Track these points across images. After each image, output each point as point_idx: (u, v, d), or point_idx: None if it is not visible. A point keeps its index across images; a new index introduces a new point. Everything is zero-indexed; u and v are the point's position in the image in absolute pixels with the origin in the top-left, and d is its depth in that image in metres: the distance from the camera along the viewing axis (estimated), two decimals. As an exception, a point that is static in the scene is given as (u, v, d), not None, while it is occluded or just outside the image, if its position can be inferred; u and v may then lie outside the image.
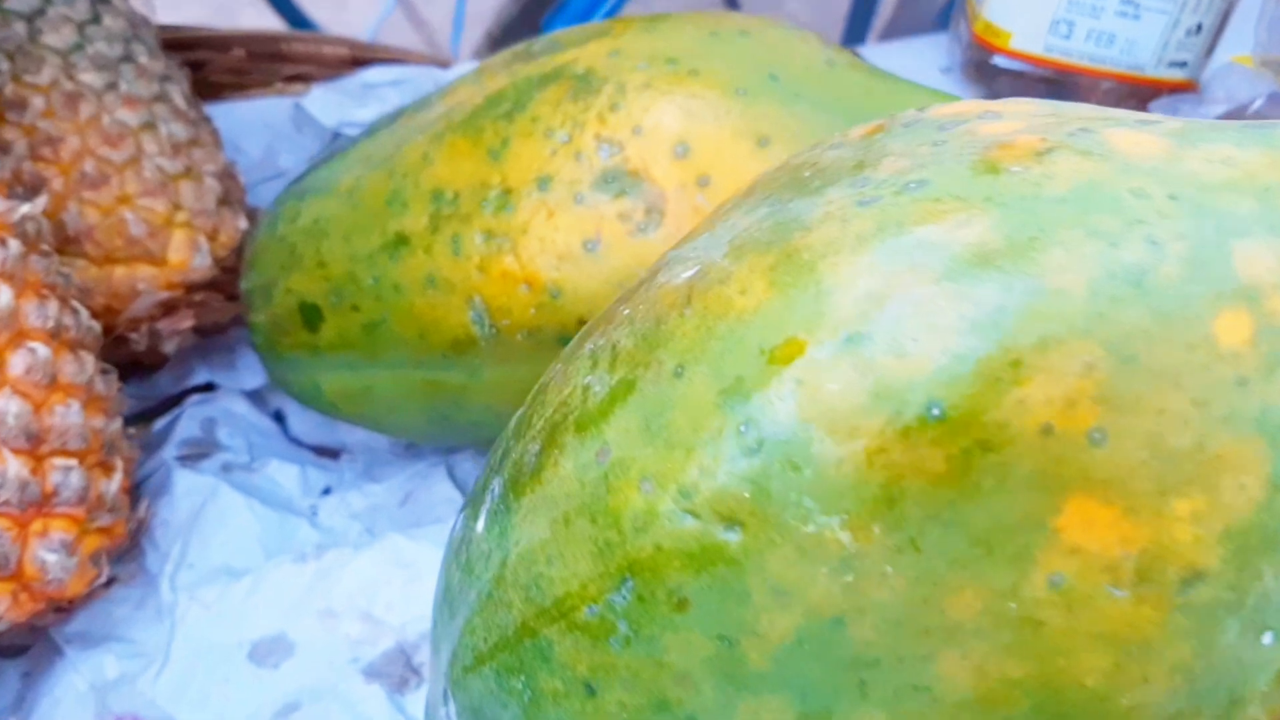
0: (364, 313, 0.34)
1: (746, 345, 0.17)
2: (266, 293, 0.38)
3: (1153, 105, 0.39)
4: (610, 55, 0.31)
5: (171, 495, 0.39)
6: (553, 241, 0.30)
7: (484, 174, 0.32)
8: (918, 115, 0.21)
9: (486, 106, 0.33)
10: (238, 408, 0.43)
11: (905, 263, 0.16)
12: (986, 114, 0.20)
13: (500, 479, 0.21)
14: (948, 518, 0.15)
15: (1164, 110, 0.37)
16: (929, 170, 0.18)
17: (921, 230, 0.17)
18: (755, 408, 0.16)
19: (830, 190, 0.19)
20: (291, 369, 0.39)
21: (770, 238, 0.18)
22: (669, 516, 0.17)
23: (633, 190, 0.30)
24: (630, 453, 0.18)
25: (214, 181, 0.41)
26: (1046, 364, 0.15)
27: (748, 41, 0.32)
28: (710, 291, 0.18)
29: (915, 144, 0.19)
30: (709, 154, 0.30)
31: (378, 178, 0.35)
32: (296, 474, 0.42)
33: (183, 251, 0.39)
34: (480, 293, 0.31)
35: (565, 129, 0.31)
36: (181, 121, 0.41)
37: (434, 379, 0.35)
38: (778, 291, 0.17)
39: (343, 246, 0.35)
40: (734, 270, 0.18)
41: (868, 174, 0.19)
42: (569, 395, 0.20)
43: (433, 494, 0.41)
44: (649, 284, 0.21)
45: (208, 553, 0.38)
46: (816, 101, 0.31)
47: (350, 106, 0.48)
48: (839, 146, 0.21)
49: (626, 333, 0.20)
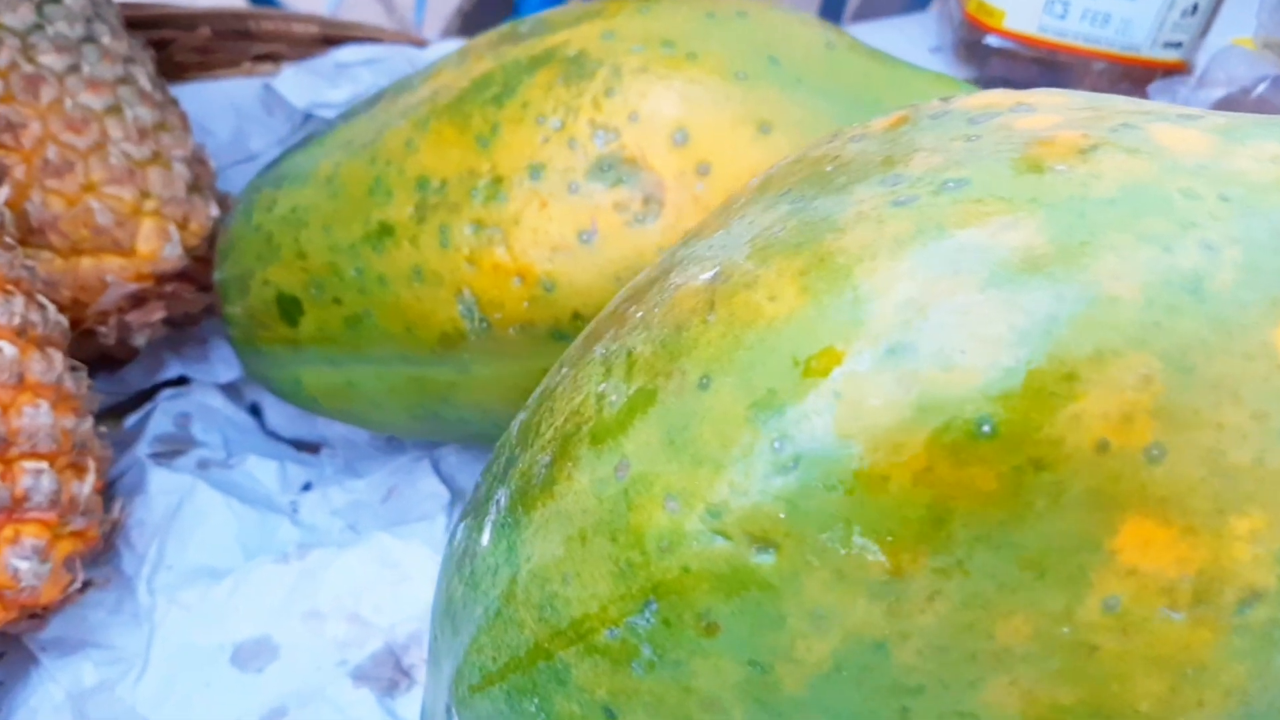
0: (346, 306, 0.33)
1: (778, 355, 0.16)
2: (242, 284, 0.36)
3: (1150, 88, 0.38)
4: (603, 37, 0.30)
5: (146, 494, 0.37)
6: (546, 232, 0.29)
7: (472, 162, 0.30)
8: (944, 107, 0.20)
9: (473, 91, 0.31)
10: (212, 402, 0.42)
11: (948, 268, 0.15)
12: (1019, 106, 0.19)
13: (506, 490, 0.20)
14: (998, 539, 0.15)
15: (1162, 94, 0.36)
16: (967, 168, 0.17)
17: (963, 233, 0.16)
18: (790, 422, 0.15)
19: (859, 188, 0.18)
20: (269, 363, 0.37)
21: (798, 239, 0.17)
22: (697, 537, 0.16)
23: (630, 179, 0.29)
24: (652, 468, 0.17)
25: (183, 167, 0.39)
26: (1102, 377, 0.14)
27: (746, 23, 0.30)
28: (735, 296, 0.17)
29: (947, 139, 0.18)
30: (709, 141, 0.29)
31: (358, 165, 0.33)
32: (275, 470, 0.40)
33: (152, 241, 0.38)
34: (470, 286, 0.30)
35: (558, 115, 0.29)
36: (148, 105, 0.39)
37: (421, 375, 0.33)
38: (811, 298, 0.16)
39: (323, 237, 0.33)
40: (760, 274, 0.17)
41: (899, 171, 0.18)
42: (581, 404, 0.19)
43: (417, 489, 0.40)
44: (662, 284, 0.20)
45: (186, 553, 0.36)
46: (817, 86, 0.30)
47: (322, 87, 0.47)
48: (861, 139, 0.20)
49: (643, 338, 0.19)
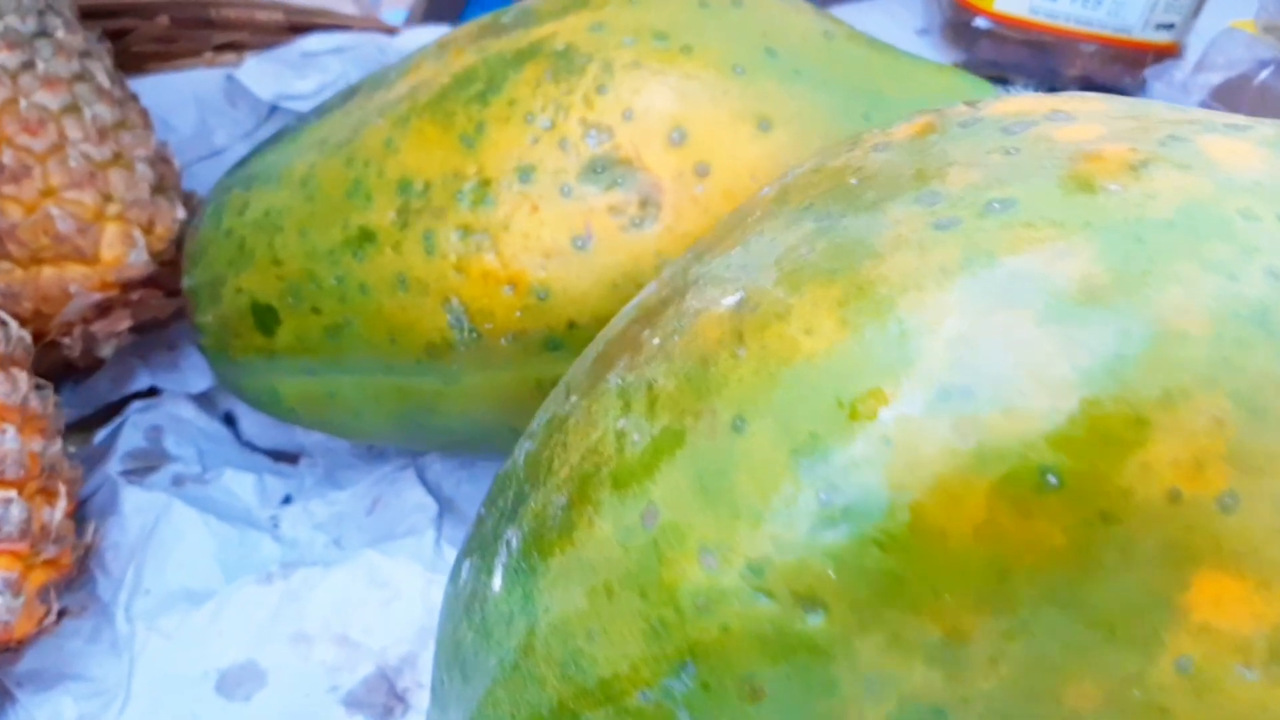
0: (326, 315, 0.32)
1: (820, 396, 0.15)
2: (213, 292, 0.35)
3: (1147, 73, 0.37)
4: (591, 29, 0.29)
5: (120, 515, 0.36)
6: (538, 238, 0.28)
7: (457, 163, 0.29)
8: (973, 113, 0.19)
9: (455, 87, 0.30)
10: (184, 412, 0.40)
11: (1001, 300, 0.14)
12: (1055, 114, 0.18)
13: (518, 532, 0.19)
14: (1065, 598, 0.14)
15: (1158, 78, 0.35)
16: (1012, 187, 0.16)
17: (1014, 261, 0.15)
18: (836, 471, 0.14)
19: (893, 206, 0.17)
20: (244, 373, 0.36)
21: (832, 264, 0.16)
22: (737, 595, 0.15)
23: (625, 181, 0.27)
24: (683, 517, 0.16)
25: (146, 168, 0.37)
26: (1172, 421, 0.13)
27: (740, 12, 0.29)
28: (768, 329, 0.16)
29: (982, 151, 0.17)
30: (707, 139, 0.27)
31: (335, 165, 0.31)
32: (253, 483, 0.39)
33: (116, 247, 0.36)
34: (458, 294, 0.29)
35: (547, 113, 0.28)
36: (106, 102, 0.37)
37: (405, 384, 0.32)
38: (852, 332, 0.15)
39: (299, 242, 0.32)
40: (793, 303, 0.16)
41: (934, 187, 0.16)
42: (599, 442, 0.18)
43: (402, 500, 0.38)
44: (678, 306, 0.19)
45: (164, 576, 0.35)
46: (817, 78, 0.28)
47: (289, 77, 0.45)
48: (885, 148, 0.19)
49: (664, 371, 0.17)
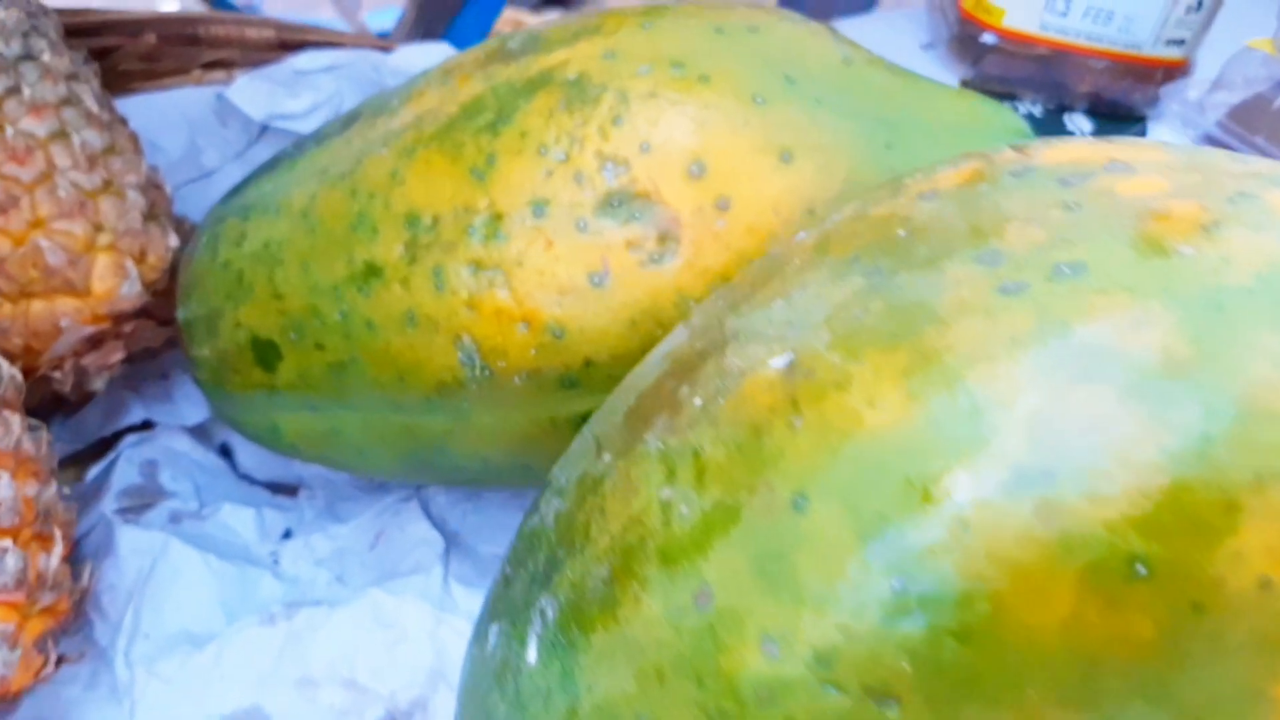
0: (330, 352, 0.31)
1: (888, 475, 0.14)
2: (210, 325, 0.34)
3: (1163, 92, 0.37)
4: (605, 57, 0.28)
5: (116, 556, 0.35)
6: (553, 274, 0.27)
7: (467, 196, 0.28)
8: (1023, 161, 0.18)
9: (463, 117, 0.29)
10: (179, 445, 0.39)
11: (1078, 373, 0.14)
12: (1113, 165, 0.17)
13: (553, 601, 0.18)
14: (1154, 691, 0.13)
15: (1173, 97, 0.35)
16: (1080, 248, 0.15)
17: (1089, 330, 0.14)
18: (909, 557, 0.14)
19: (951, 265, 0.16)
20: (243, 408, 0.35)
21: (891, 327, 0.15)
22: (804, 687, 0.14)
23: (643, 215, 0.26)
24: (741, 601, 0.15)
25: (137, 195, 0.36)
26: (1264, 505, 0.13)
27: (758, 39, 0.28)
28: (826, 398, 0.15)
29: (1041, 205, 0.16)
30: (727, 172, 0.26)
31: (338, 197, 0.30)
32: (252, 518, 0.38)
33: (108, 279, 0.35)
34: (470, 332, 0.28)
35: (561, 145, 0.27)
36: (95, 127, 0.36)
37: (413, 422, 0.31)
38: (920, 407, 0.14)
39: (301, 276, 0.31)
40: (852, 371, 0.15)
41: (995, 245, 0.16)
42: (642, 511, 0.17)
43: (406, 534, 0.37)
44: (718, 362, 0.18)
45: (163, 619, 0.34)
46: (838, 106, 0.28)
47: (281, 96, 0.43)
48: (932, 197, 0.18)
49: (710, 437, 0.17)
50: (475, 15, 0.63)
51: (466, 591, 0.35)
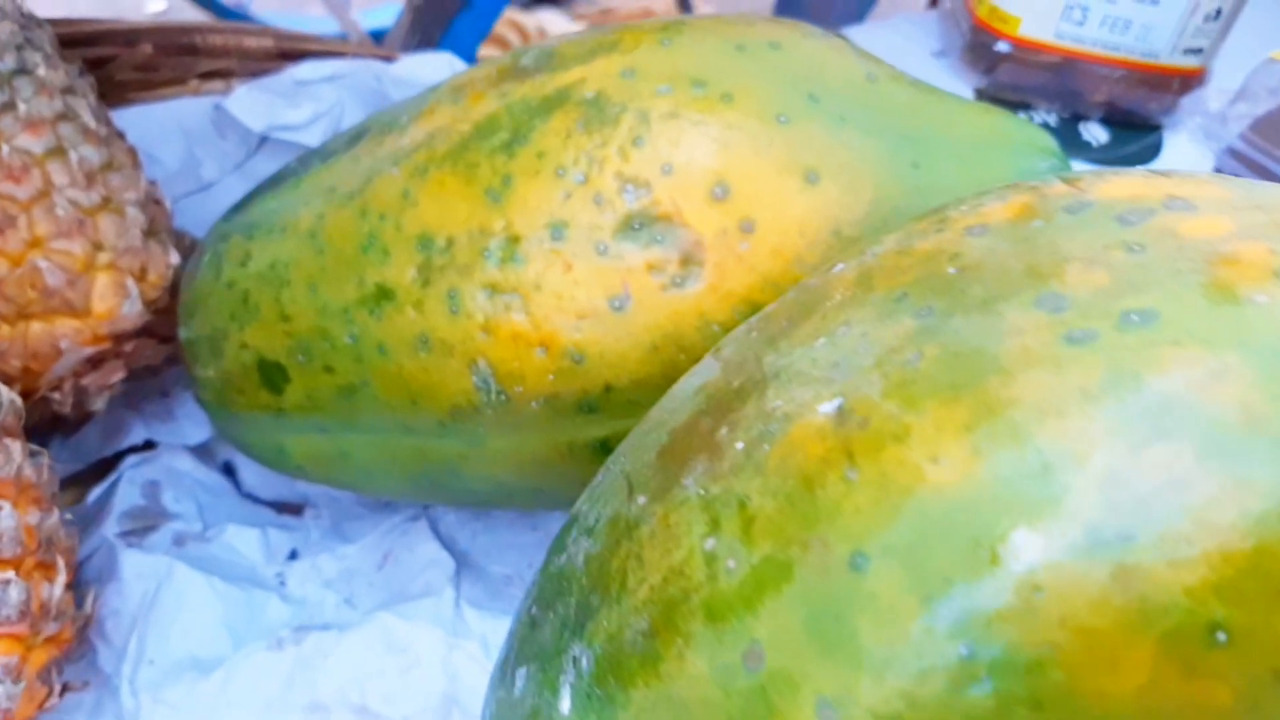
0: (339, 375, 0.30)
1: (954, 535, 0.13)
2: (214, 346, 0.33)
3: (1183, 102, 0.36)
4: (623, 75, 0.27)
5: (119, 580, 0.34)
6: (572, 298, 0.26)
7: (482, 218, 0.27)
8: (1077, 195, 0.17)
9: (477, 136, 0.28)
10: (182, 464, 0.38)
11: (1153, 431, 0.13)
12: (1173, 201, 0.16)
13: (587, 651, 0.18)
14: (1236, 763, 0.12)
15: (1193, 109, 0.34)
16: (1148, 295, 0.14)
17: (1164, 384, 0.13)
18: (978, 622, 0.13)
19: (1010, 310, 0.15)
20: (248, 428, 0.34)
21: (951, 376, 0.15)
22: (866, 756, 0.14)
23: (665, 238, 0.26)
24: (794, 663, 0.14)
25: (136, 211, 0.35)
26: (1352, 570, 0.12)
27: (780, 56, 0.28)
28: (883, 451, 0.15)
29: (1100, 245, 0.16)
30: (751, 193, 0.26)
31: (347, 217, 0.30)
32: (257, 538, 0.37)
33: (109, 299, 0.34)
34: (485, 356, 0.27)
35: (579, 167, 0.26)
36: (92, 142, 0.35)
37: (425, 446, 0.30)
38: (987, 464, 0.14)
39: (309, 298, 0.30)
40: (911, 423, 0.15)
41: (1055, 289, 0.15)
42: (685, 563, 0.16)
43: (415, 554, 0.37)
44: (759, 404, 0.17)
45: (168, 645, 0.33)
46: (863, 125, 0.27)
47: (280, 106, 0.43)
48: (982, 233, 0.17)
49: (757, 487, 0.16)
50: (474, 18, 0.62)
51: (479, 615, 0.34)
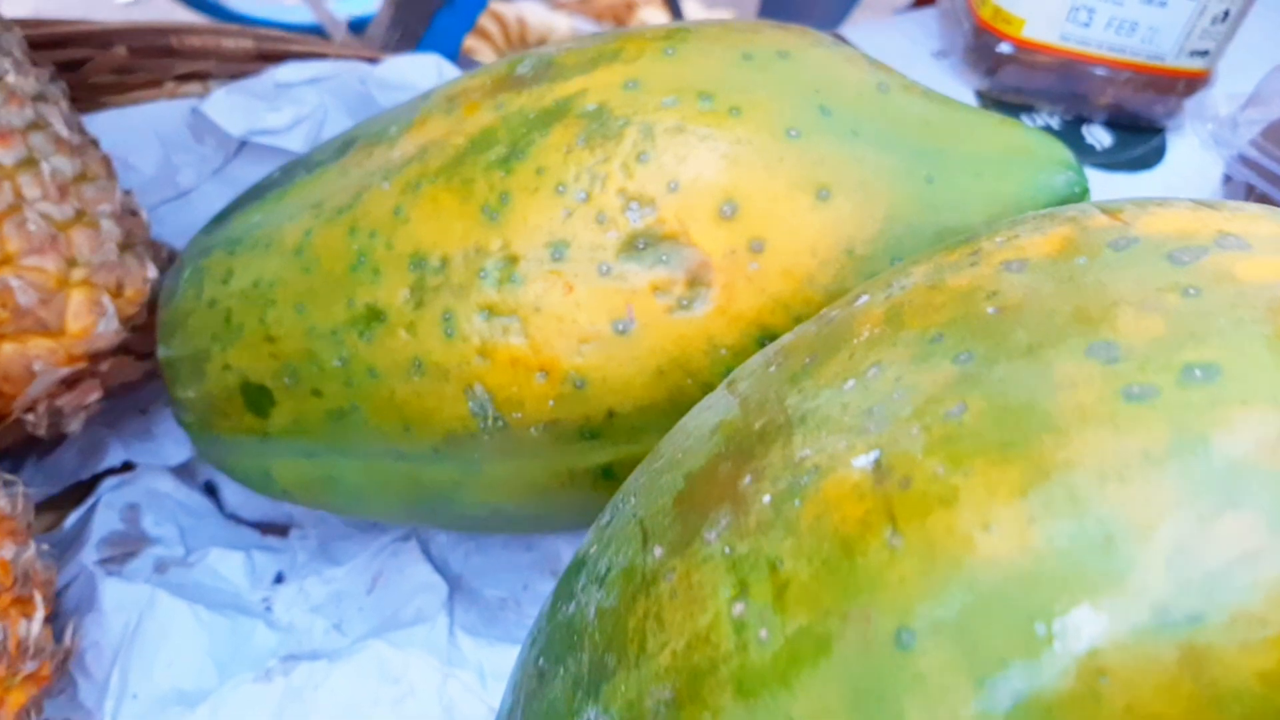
0: (328, 399, 0.29)
1: (1009, 612, 0.12)
2: (196, 367, 0.31)
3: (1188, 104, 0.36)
4: (626, 87, 0.26)
5: (100, 611, 0.32)
6: (574, 321, 0.25)
7: (479, 237, 0.26)
8: (1122, 230, 0.16)
9: (472, 150, 0.27)
10: (162, 486, 0.37)
11: (1222, 499, 0.12)
12: (1225, 239, 0.15)
13: (604, 716, 0.17)
14: None
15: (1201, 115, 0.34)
16: (1210, 347, 0.13)
17: (1232, 447, 0.12)
18: (1035, 709, 0.12)
19: (1059, 357, 0.14)
20: (232, 452, 0.33)
21: (999, 434, 0.14)
22: None
23: (671, 258, 0.25)
24: (837, 744, 0.13)
25: (112, 224, 0.34)
26: None
27: (788, 65, 0.26)
28: (930, 515, 0.14)
29: (1152, 287, 0.15)
30: (761, 211, 0.25)
31: (334, 234, 0.28)
32: (242, 562, 0.36)
33: (84, 317, 0.32)
34: (482, 381, 0.26)
35: (581, 183, 0.25)
36: (65, 152, 0.33)
37: (419, 472, 0.29)
38: (1044, 534, 0.13)
39: (295, 319, 0.29)
40: (959, 485, 0.14)
41: (1108, 336, 0.14)
42: (710, 629, 0.15)
43: (406, 577, 0.35)
44: (785, 451, 0.16)
45: (152, 678, 0.32)
46: (876, 138, 0.26)
47: (260, 110, 0.41)
48: (1021, 269, 0.16)
49: (789, 549, 0.15)
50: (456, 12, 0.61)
51: (474, 642, 0.33)
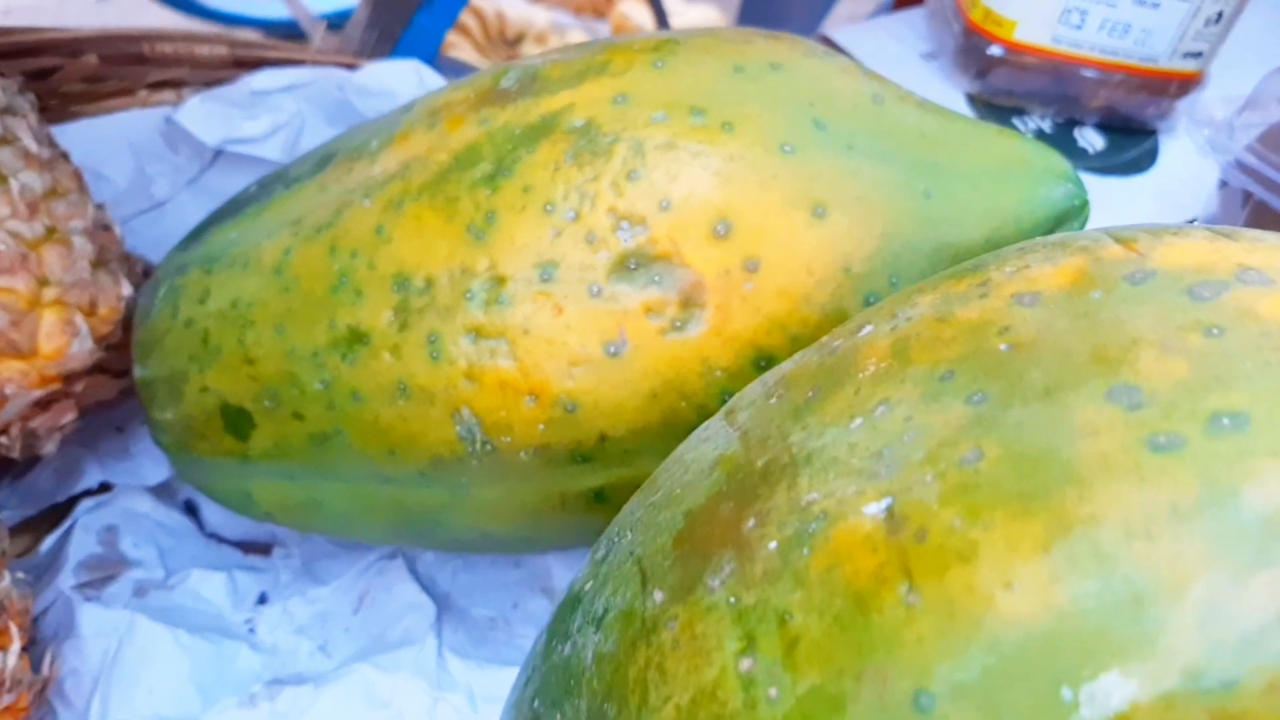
0: (310, 422, 0.28)
1: (1034, 676, 0.12)
2: (173, 388, 0.31)
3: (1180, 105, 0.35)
4: (614, 102, 0.25)
5: (78, 637, 0.32)
6: (564, 343, 0.24)
7: (464, 257, 0.25)
8: (1138, 262, 0.16)
9: (456, 167, 0.26)
10: (140, 506, 0.36)
11: (1255, 556, 0.12)
12: (1246, 273, 0.15)
13: (607, 770, 0.16)
14: None
15: (1197, 118, 0.33)
16: (1237, 393, 0.13)
17: (1263, 501, 0.12)
18: (1064, 781, 0.12)
19: (1078, 403, 0.14)
20: (212, 474, 0.32)
21: (1019, 483, 0.13)
22: None
23: (663, 278, 0.24)
24: (853, 813, 0.13)
25: (84, 241, 0.33)
26: None
27: (781, 77, 0.26)
28: (948, 573, 0.13)
29: (1172, 324, 0.14)
30: (756, 230, 0.24)
31: (314, 254, 0.28)
32: (223, 583, 0.35)
33: (56, 338, 0.31)
34: (470, 405, 0.25)
35: (569, 202, 0.24)
36: (34, 168, 0.32)
37: (405, 495, 0.28)
38: (1066, 592, 0.12)
39: (275, 340, 0.28)
40: (978, 539, 0.13)
41: (1129, 379, 0.14)
42: (716, 684, 0.15)
43: (392, 596, 0.35)
44: (790, 494, 0.16)
45: (133, 705, 0.31)
46: (872, 152, 0.25)
47: (236, 118, 0.40)
48: (1033, 302, 0.16)
49: (799, 601, 0.14)
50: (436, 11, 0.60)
51: (463, 664, 0.32)
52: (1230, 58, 0.40)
